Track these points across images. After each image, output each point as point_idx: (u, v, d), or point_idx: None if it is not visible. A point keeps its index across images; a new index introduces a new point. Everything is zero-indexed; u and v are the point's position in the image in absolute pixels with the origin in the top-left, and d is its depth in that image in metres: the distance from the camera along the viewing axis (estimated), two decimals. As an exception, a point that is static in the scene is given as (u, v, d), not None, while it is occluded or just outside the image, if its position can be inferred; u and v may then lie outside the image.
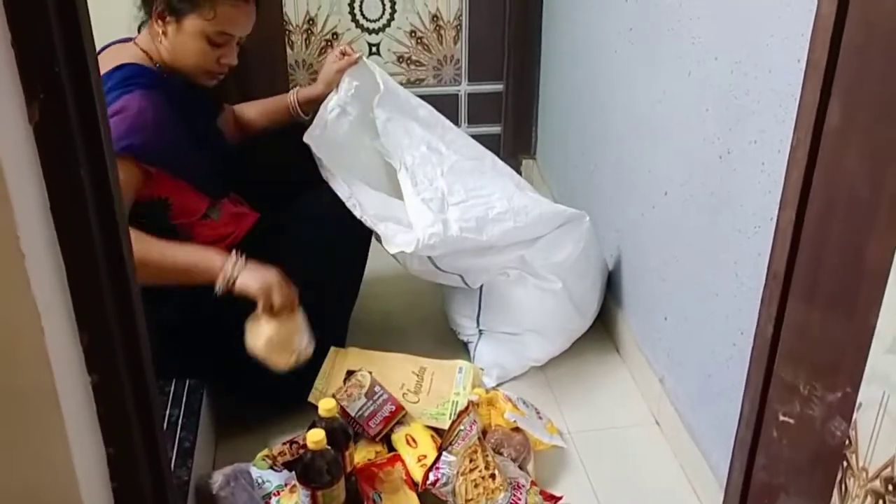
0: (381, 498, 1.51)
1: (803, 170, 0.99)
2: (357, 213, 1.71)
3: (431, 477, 1.49)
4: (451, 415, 1.63)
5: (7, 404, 0.85)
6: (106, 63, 1.58)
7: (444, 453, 1.52)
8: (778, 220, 1.05)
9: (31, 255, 0.80)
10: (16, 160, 0.79)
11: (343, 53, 1.89)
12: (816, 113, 0.95)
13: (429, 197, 1.70)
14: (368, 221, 1.71)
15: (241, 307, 1.64)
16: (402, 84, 2.70)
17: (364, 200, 1.73)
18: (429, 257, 1.80)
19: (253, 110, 1.99)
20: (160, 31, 1.62)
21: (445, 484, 1.48)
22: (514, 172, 2.07)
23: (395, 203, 1.78)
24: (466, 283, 1.91)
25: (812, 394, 1.03)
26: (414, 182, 1.72)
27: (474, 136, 2.77)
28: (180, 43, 1.62)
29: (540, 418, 1.72)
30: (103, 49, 1.68)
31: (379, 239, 1.75)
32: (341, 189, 1.74)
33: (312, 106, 1.93)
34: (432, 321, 2.09)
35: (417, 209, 1.69)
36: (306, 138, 1.80)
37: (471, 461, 1.50)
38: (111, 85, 1.54)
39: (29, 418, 0.86)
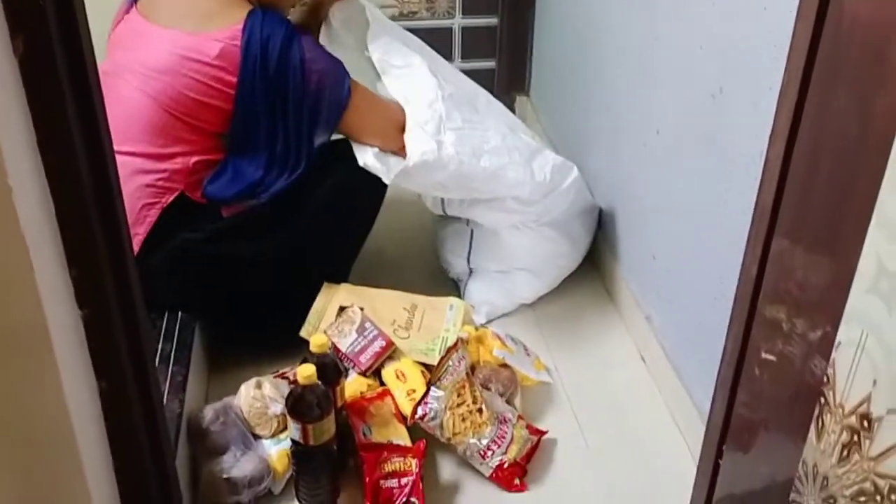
0: (371, 431, 1.53)
1: (793, 107, 0.98)
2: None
3: (420, 411, 1.52)
4: (440, 351, 1.65)
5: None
6: (214, 5, 1.64)
7: (433, 388, 1.54)
8: (767, 155, 1.05)
9: (19, 190, 0.80)
10: (1, 95, 0.78)
11: None
12: (808, 52, 0.94)
13: (424, 119, 1.69)
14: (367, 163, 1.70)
15: (236, 243, 1.67)
16: (394, 17, 2.69)
17: None
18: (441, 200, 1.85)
19: None
20: None
21: (433, 418, 1.51)
22: (508, 112, 2.06)
23: None
24: (444, 211, 1.94)
25: (793, 331, 1.04)
26: (417, 106, 1.70)
27: (468, 71, 2.75)
28: None
29: (528, 355, 1.75)
30: None
31: None
32: None
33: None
34: (425, 258, 2.11)
35: (413, 133, 1.68)
36: None
37: (458, 396, 1.52)
38: (282, 33, 1.61)
39: (20, 353, 0.87)
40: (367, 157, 1.69)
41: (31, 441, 0.93)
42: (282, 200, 1.70)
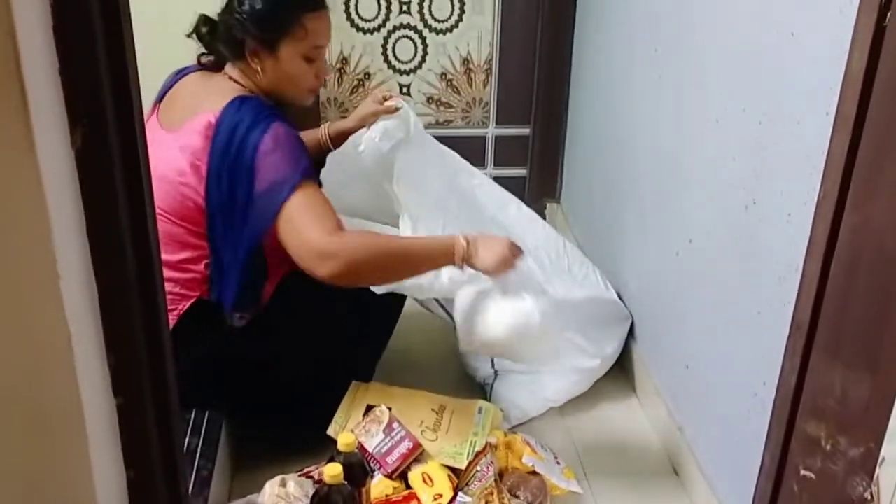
0: (395, 536, 1.50)
1: (829, 222, 0.99)
2: None
3: None
4: (468, 455, 1.62)
5: (34, 422, 0.86)
6: (209, 93, 1.61)
7: (461, 494, 1.51)
8: (803, 272, 1.05)
9: (67, 277, 0.82)
10: (57, 184, 0.81)
11: (385, 99, 1.92)
12: (844, 165, 0.96)
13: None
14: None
15: (266, 340, 1.67)
16: (430, 125, 2.77)
17: None
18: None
19: None
20: (257, 69, 1.64)
21: (461, 525, 1.48)
22: (536, 223, 2.09)
23: None
24: (451, 318, 1.93)
25: (835, 448, 1.02)
26: (414, 232, 1.73)
27: (500, 179, 2.82)
28: (281, 72, 1.64)
29: (558, 463, 1.71)
30: (182, 74, 1.73)
31: None
32: None
33: (342, 140, 1.96)
34: (452, 359, 2.10)
35: None
36: (328, 159, 1.85)
37: (486, 502, 1.49)
38: (250, 117, 1.54)
39: (54, 436, 0.87)
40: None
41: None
42: (294, 301, 1.68)
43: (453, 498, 1.51)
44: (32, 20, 0.76)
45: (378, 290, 1.68)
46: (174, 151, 1.58)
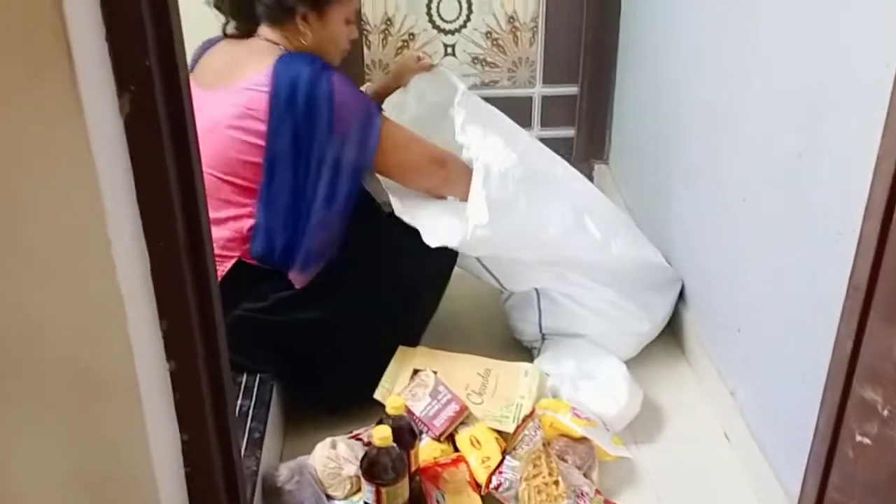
0: (444, 498, 1.51)
1: (890, 180, 0.96)
2: (396, 209, 1.74)
3: (494, 481, 1.49)
4: (515, 418, 1.62)
5: (88, 387, 0.88)
6: (251, 55, 1.66)
7: (508, 457, 1.51)
8: (861, 232, 1.02)
9: (118, 243, 0.83)
10: (106, 150, 0.82)
11: (419, 59, 1.95)
12: (907, 122, 0.92)
13: (494, 196, 1.70)
14: (406, 216, 1.72)
15: (303, 310, 1.68)
16: (475, 86, 2.74)
17: (402, 195, 1.78)
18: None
19: None
20: (305, 31, 1.70)
21: (508, 488, 1.48)
22: (585, 187, 2.07)
23: (436, 203, 1.82)
24: (503, 287, 1.93)
25: (892, 414, 0.99)
26: (487, 176, 1.72)
27: (547, 139, 2.78)
28: (327, 34, 1.73)
29: (607, 429, 1.70)
30: (209, 44, 1.77)
31: None
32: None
33: (381, 99, 1.97)
34: (499, 323, 2.09)
35: (479, 204, 1.69)
36: None
37: (534, 466, 1.49)
38: (308, 69, 1.60)
39: (110, 402, 0.89)
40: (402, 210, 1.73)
41: (113, 489, 0.94)
42: (346, 264, 1.70)
43: (501, 462, 1.51)
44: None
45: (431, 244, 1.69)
46: (223, 109, 1.61)
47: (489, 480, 1.49)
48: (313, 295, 1.68)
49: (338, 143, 1.61)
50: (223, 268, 1.64)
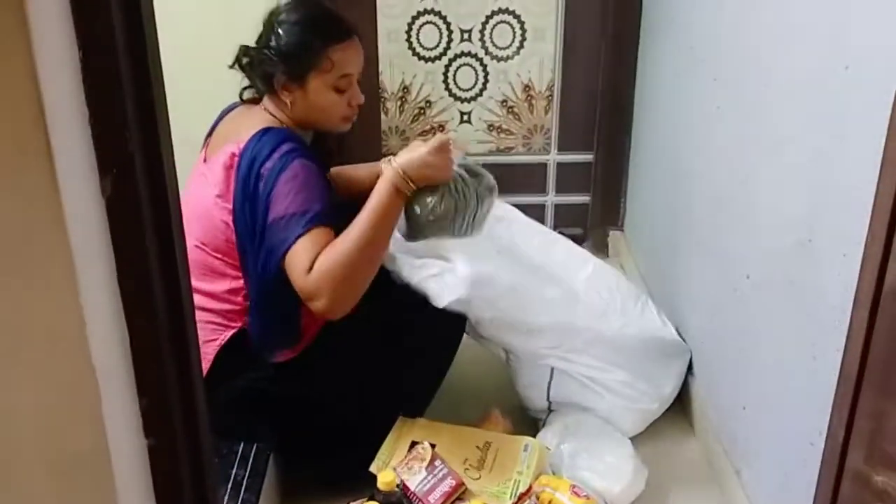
0: (437, 575, 1.48)
1: (878, 267, 0.94)
2: (404, 275, 1.73)
3: None
4: (512, 494, 1.59)
5: (61, 466, 0.88)
6: (240, 127, 1.64)
7: None
8: (851, 320, 1.00)
9: (93, 322, 0.83)
10: (84, 230, 0.83)
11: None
12: (892, 209, 0.91)
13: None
14: (414, 281, 1.71)
15: (309, 379, 1.67)
16: (490, 152, 2.76)
17: (409, 262, 1.76)
18: (472, 327, 1.84)
19: (346, 175, 1.98)
20: (288, 102, 1.65)
21: (504, 568, 1.45)
22: (591, 262, 2.06)
23: (440, 263, 1.78)
24: (509, 359, 1.92)
25: (887, 497, 0.97)
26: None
27: (562, 206, 2.80)
28: (312, 104, 1.66)
29: (608, 506, 1.67)
30: (229, 109, 1.78)
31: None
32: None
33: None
34: (507, 392, 2.06)
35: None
36: None
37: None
38: (269, 148, 1.55)
39: (81, 481, 0.89)
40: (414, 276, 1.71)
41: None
42: (351, 334, 1.67)
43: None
44: (60, 69, 0.79)
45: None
46: (206, 182, 1.62)
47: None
48: (314, 366, 1.68)
49: (266, 228, 1.53)
50: (224, 336, 1.64)
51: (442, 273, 1.74)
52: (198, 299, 1.59)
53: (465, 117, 2.78)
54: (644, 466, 1.76)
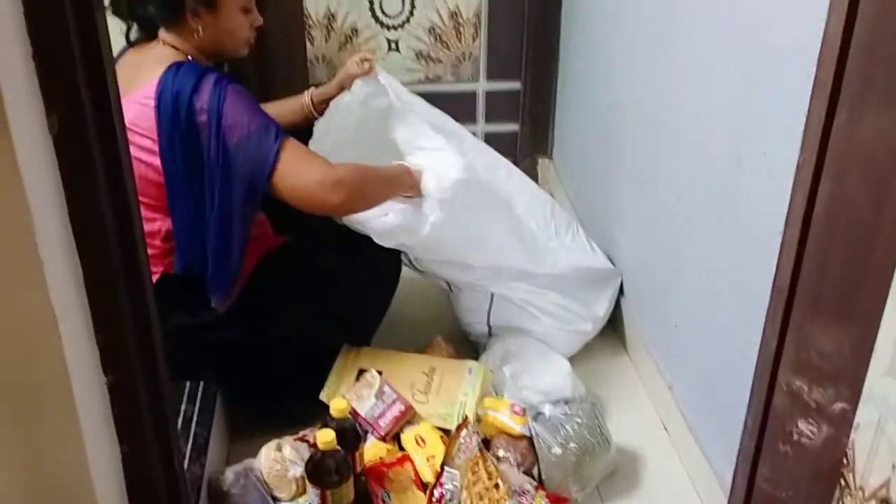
0: (390, 497, 1.53)
1: (808, 189, 1.00)
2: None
3: (436, 493, 1.51)
4: (458, 416, 1.64)
5: (24, 404, 0.88)
6: (142, 66, 1.59)
7: (447, 468, 1.52)
8: (783, 237, 1.06)
9: (49, 261, 0.82)
10: (35, 169, 0.81)
11: (363, 60, 1.92)
12: (822, 132, 0.96)
13: (446, 200, 1.71)
14: (354, 223, 1.70)
15: (239, 328, 1.67)
16: (419, 81, 2.75)
17: None
18: (411, 262, 1.90)
19: (269, 110, 1.98)
20: (199, 29, 1.62)
21: (451, 500, 1.50)
22: (528, 185, 2.09)
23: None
24: (451, 287, 1.98)
25: (813, 410, 1.04)
26: (439, 180, 1.72)
27: (492, 135, 2.82)
28: (222, 26, 1.64)
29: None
30: (120, 54, 1.69)
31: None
32: None
33: (325, 106, 1.95)
34: (447, 319, 2.11)
35: (433, 205, 1.70)
36: (315, 128, 1.86)
37: (473, 473, 1.51)
38: (192, 81, 1.51)
39: (45, 418, 0.89)
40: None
41: (55, 502, 0.94)
42: (285, 276, 1.68)
43: (440, 473, 1.52)
44: (2, 5, 0.76)
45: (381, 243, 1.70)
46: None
47: (431, 493, 1.51)
48: (247, 312, 1.66)
49: (230, 162, 1.52)
50: None
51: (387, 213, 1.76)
52: None
53: (393, 45, 2.74)
54: (581, 384, 1.83)
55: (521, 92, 2.82)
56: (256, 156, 1.52)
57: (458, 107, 2.79)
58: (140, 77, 1.56)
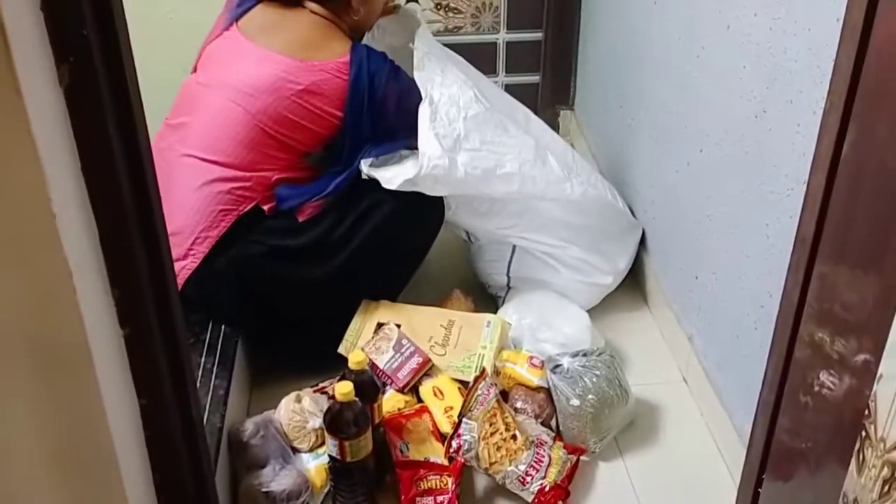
0: (408, 448, 1.54)
1: (835, 135, 0.97)
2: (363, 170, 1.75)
3: (454, 444, 1.51)
4: (476, 368, 1.65)
5: (42, 360, 0.88)
6: (311, 36, 1.77)
7: (464, 419, 1.53)
8: (808, 185, 1.03)
9: (63, 215, 0.82)
10: (46, 123, 0.81)
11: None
12: (850, 78, 0.93)
13: (443, 133, 1.71)
14: (370, 170, 1.74)
15: (294, 264, 1.72)
16: (439, 32, 2.71)
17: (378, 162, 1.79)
18: None
19: None
20: (359, 7, 1.82)
21: (468, 450, 1.50)
22: (546, 131, 2.06)
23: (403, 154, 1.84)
24: (469, 239, 1.96)
25: (835, 361, 1.02)
26: (433, 117, 1.72)
27: (512, 86, 2.77)
28: (372, 8, 1.88)
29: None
30: (249, 7, 1.81)
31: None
32: None
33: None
34: (466, 272, 2.10)
35: (429, 141, 1.70)
36: None
37: (490, 425, 1.51)
38: (385, 69, 1.77)
39: (63, 372, 0.89)
40: (367, 165, 1.75)
41: (72, 457, 0.95)
42: (341, 226, 1.74)
43: (458, 424, 1.53)
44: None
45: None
46: (285, 75, 1.70)
47: (449, 444, 1.52)
48: (308, 250, 1.72)
49: (393, 122, 1.79)
50: (241, 209, 1.69)
51: (400, 158, 1.78)
52: (220, 171, 1.68)
53: (413, -5, 2.70)
54: (601, 336, 1.82)
55: (542, 42, 2.77)
56: (411, 116, 1.73)
57: (478, 57, 2.74)
58: (320, 47, 1.75)
